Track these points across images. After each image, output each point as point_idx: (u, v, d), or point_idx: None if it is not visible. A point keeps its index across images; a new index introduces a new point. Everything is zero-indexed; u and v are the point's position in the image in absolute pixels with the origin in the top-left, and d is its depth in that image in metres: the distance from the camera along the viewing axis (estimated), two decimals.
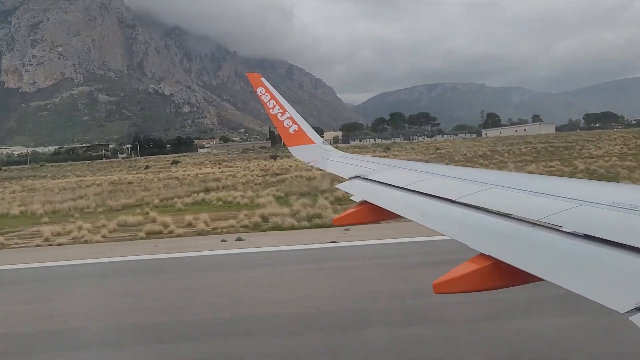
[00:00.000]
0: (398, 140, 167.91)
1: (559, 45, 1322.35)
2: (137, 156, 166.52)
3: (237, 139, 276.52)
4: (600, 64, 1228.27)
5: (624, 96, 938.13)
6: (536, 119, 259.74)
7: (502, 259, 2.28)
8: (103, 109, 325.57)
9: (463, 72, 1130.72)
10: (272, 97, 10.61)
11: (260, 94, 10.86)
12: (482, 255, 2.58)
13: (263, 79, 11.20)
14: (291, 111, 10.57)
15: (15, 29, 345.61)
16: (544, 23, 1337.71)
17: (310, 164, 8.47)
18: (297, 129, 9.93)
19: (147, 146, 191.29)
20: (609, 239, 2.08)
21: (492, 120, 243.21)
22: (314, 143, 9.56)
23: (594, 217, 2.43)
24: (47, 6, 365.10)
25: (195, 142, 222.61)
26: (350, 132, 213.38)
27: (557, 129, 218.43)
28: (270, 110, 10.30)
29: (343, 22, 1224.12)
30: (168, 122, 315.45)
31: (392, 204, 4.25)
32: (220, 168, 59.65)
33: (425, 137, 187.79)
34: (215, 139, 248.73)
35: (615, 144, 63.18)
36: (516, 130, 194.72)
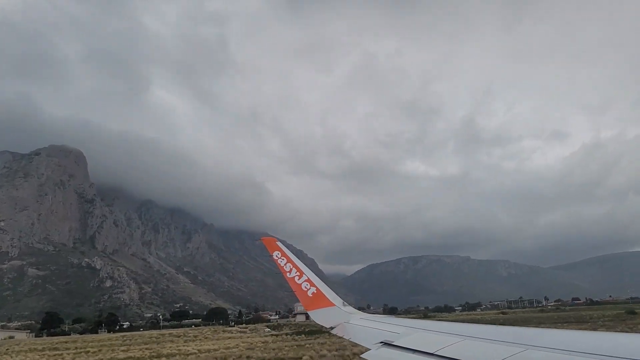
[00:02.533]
0: None
1: (543, 219, 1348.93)
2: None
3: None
4: (586, 239, 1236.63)
5: (615, 271, 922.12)
6: None
7: None
8: (28, 283, 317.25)
9: (446, 245, 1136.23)
10: (289, 260, 10.16)
11: (277, 258, 10.30)
12: None
13: (278, 243, 10.67)
14: (308, 273, 10.11)
15: None
16: (523, 197, 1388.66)
17: (332, 331, 8.56)
18: (315, 292, 9.60)
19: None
20: None
21: None
22: (334, 305, 9.29)
23: None
24: (2, 183, 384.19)
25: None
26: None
27: None
28: (287, 274, 9.98)
29: (323, 196, 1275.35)
30: (86, 297, 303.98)
31: None
32: None
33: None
34: None
35: None
36: None
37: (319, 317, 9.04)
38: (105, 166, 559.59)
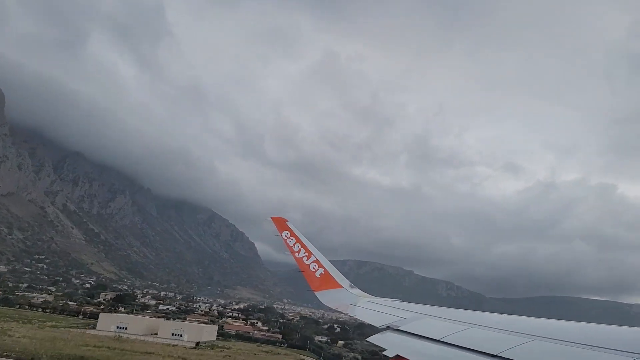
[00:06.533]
0: None
1: (495, 249, 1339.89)
2: None
3: None
4: (535, 277, 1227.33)
5: (557, 314, 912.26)
6: None
7: None
8: None
9: (392, 256, 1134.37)
10: (298, 240, 10.41)
11: (285, 238, 10.51)
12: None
13: (288, 223, 10.68)
14: (317, 254, 10.38)
15: None
16: (476, 223, 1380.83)
17: (337, 310, 9.16)
18: (323, 273, 9.98)
19: None
20: None
21: None
22: (341, 287, 9.81)
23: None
24: None
25: None
26: None
27: None
28: (296, 254, 10.30)
29: (270, 184, 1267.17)
30: None
31: (428, 359, 3.92)
32: None
33: None
34: None
35: None
36: None
37: (325, 298, 9.32)
38: (33, 111, 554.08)
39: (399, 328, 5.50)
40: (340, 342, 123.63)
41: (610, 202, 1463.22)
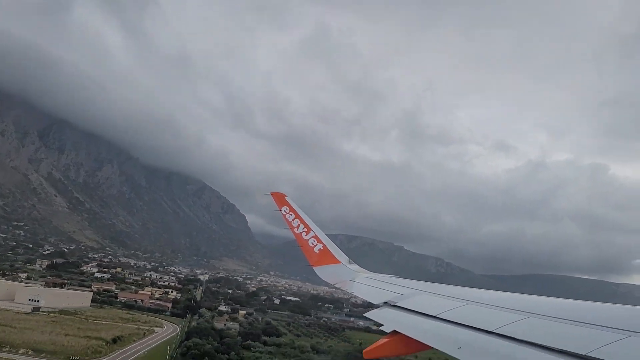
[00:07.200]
0: None
1: (485, 228, 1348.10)
2: None
3: None
4: (525, 255, 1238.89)
5: (544, 292, 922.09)
6: None
7: None
8: None
9: (382, 231, 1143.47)
10: (297, 216, 10.43)
11: (285, 213, 10.56)
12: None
13: (288, 198, 10.80)
14: (316, 230, 10.44)
15: None
16: (467, 201, 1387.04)
17: (336, 285, 9.21)
18: (322, 248, 10.02)
19: None
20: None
21: None
22: (340, 262, 9.81)
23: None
24: None
25: None
26: None
27: None
28: (295, 230, 10.34)
29: (260, 157, 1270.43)
30: None
31: (424, 335, 4.04)
32: None
33: None
34: None
35: None
36: None
37: (325, 273, 9.45)
38: (17, 78, 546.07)
39: (396, 304, 5.54)
40: (242, 312, 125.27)
41: (601, 182, 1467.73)
